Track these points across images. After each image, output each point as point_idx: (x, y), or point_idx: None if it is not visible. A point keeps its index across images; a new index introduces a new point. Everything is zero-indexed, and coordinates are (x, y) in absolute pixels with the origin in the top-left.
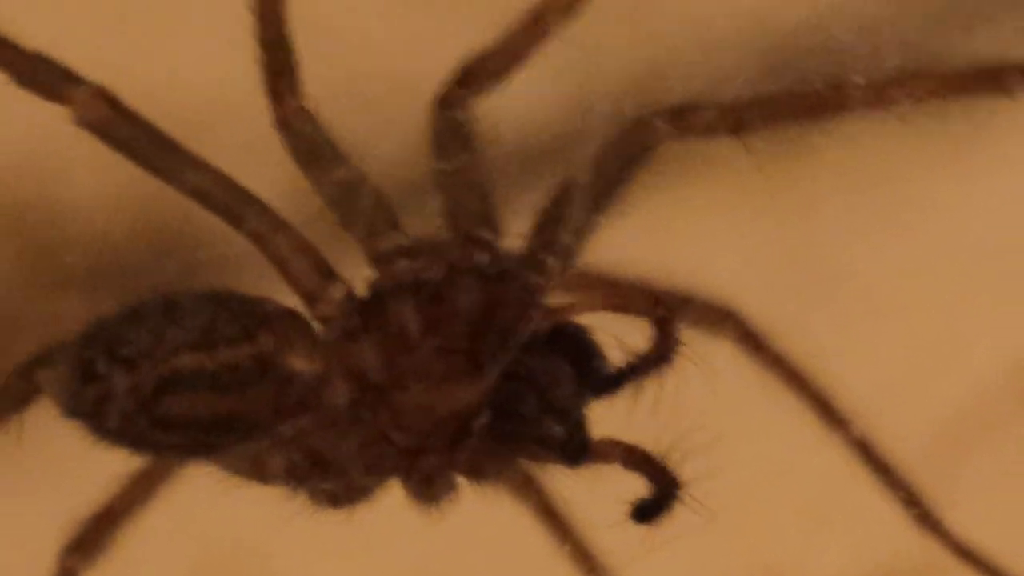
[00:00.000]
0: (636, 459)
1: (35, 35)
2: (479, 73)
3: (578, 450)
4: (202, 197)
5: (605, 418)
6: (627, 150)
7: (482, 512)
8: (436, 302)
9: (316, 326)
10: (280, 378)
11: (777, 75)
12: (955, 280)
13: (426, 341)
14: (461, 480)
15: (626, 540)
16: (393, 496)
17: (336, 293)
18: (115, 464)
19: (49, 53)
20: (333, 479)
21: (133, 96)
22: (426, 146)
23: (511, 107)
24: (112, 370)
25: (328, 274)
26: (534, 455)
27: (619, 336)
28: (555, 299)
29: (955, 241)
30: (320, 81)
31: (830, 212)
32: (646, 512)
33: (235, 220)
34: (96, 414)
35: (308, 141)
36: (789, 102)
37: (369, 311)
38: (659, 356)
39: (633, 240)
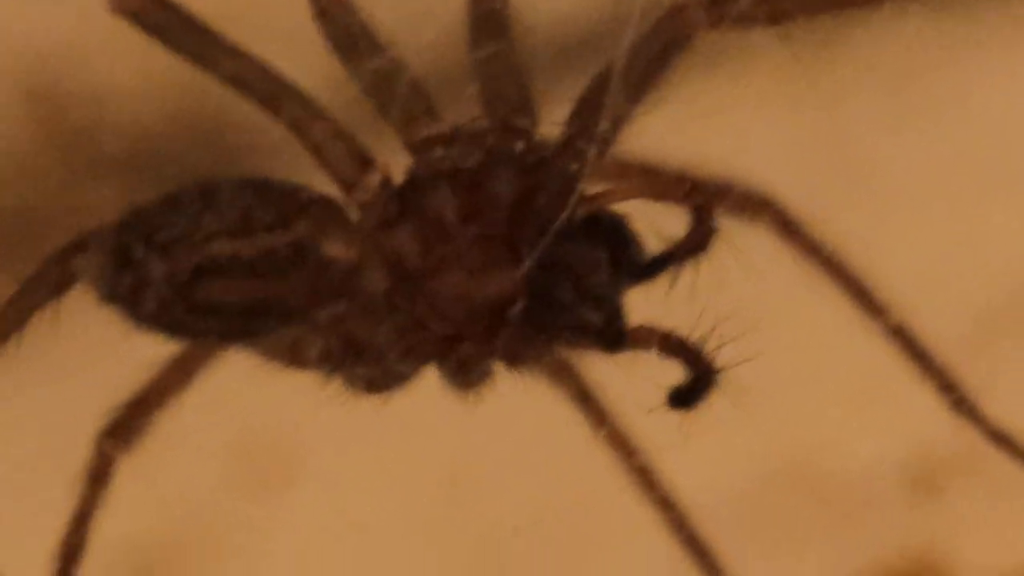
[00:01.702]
0: (672, 345)
1: None
2: None
3: (615, 336)
4: (240, 84)
5: (642, 305)
6: (664, 38)
7: (517, 399)
8: (473, 189)
9: (353, 213)
10: (317, 264)
11: None
12: (991, 170)
13: (463, 228)
14: (497, 366)
15: (663, 426)
16: (428, 384)
17: (373, 180)
18: (152, 349)
19: None
20: (369, 365)
21: None
22: (463, 34)
23: None
24: (148, 256)
25: (365, 162)
26: (571, 342)
27: (656, 223)
28: (592, 187)
29: (992, 131)
30: None
31: (866, 102)
32: (683, 398)
33: (273, 107)
34: (133, 300)
35: (345, 30)
36: None
37: (406, 198)
38: (696, 243)
39: (670, 128)
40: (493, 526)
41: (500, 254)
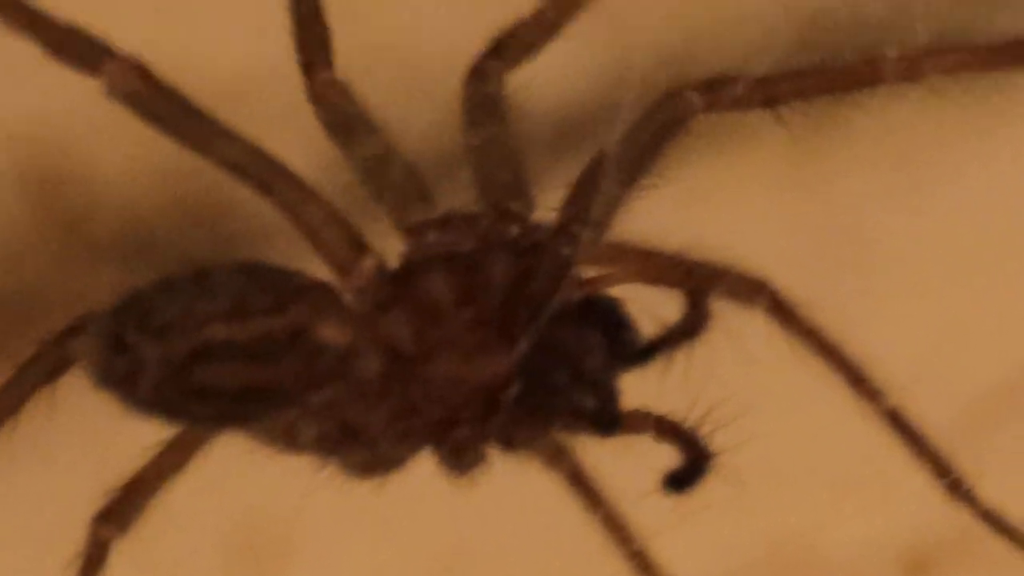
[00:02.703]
0: (667, 429)
1: (67, 7)
2: (512, 45)
3: (609, 420)
4: (234, 168)
5: (636, 389)
6: (659, 122)
7: (512, 483)
8: (467, 274)
9: (347, 298)
10: (311, 349)
11: (809, 49)
12: (987, 252)
13: (457, 313)
14: (492, 450)
15: (657, 510)
16: (423, 468)
17: (367, 265)
18: (147, 434)
19: (82, 25)
20: (364, 449)
21: (165, 68)
22: (459, 118)
23: (544, 80)
24: (143, 340)
25: (359, 246)
26: (565, 425)
27: (651, 307)
28: (587, 271)
29: (987, 214)
30: (353, 53)
31: (862, 184)
32: (677, 482)
33: (267, 191)
34: (128, 384)
35: (341, 114)
36: (821, 75)
37: (400, 283)
38: (690, 327)
39: (665, 212)
40: None
41: (495, 338)
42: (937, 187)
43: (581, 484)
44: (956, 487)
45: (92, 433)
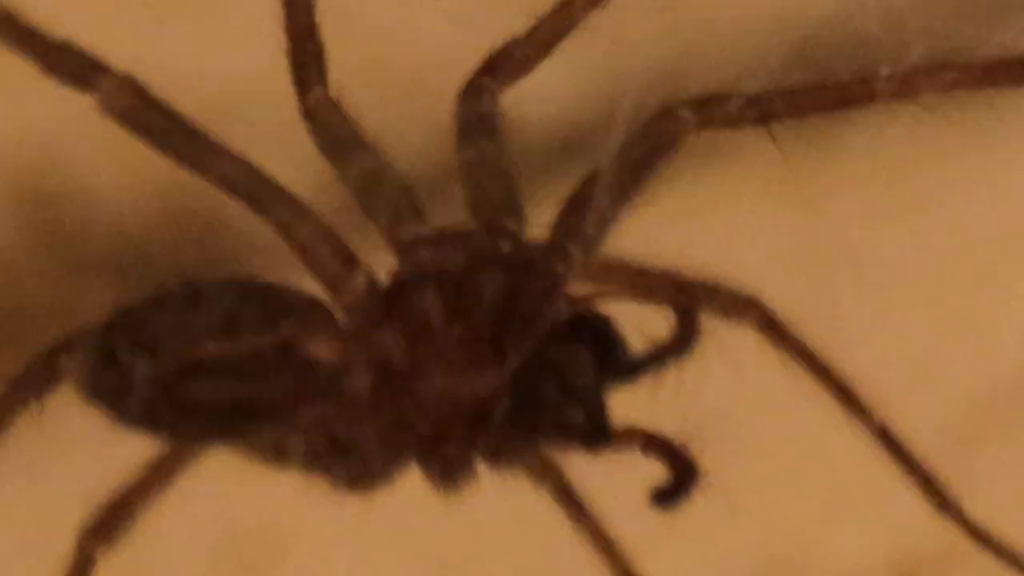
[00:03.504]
0: (656, 445)
1: (62, 24)
2: (505, 62)
3: (598, 436)
4: (227, 185)
5: (626, 405)
6: (652, 140)
7: (501, 497)
8: (459, 291)
9: (339, 314)
10: (302, 365)
11: (802, 67)
12: (978, 270)
13: (448, 330)
14: (481, 465)
15: (646, 526)
16: (412, 481)
17: (359, 282)
18: (135, 449)
19: (76, 42)
20: (353, 463)
21: (158, 85)
22: (451, 135)
23: (537, 97)
24: (134, 356)
25: (351, 263)
26: (555, 441)
27: (641, 324)
28: (578, 287)
29: (979, 231)
30: (346, 70)
31: (855, 202)
32: (666, 498)
33: (259, 208)
34: (117, 399)
35: (333, 130)
36: (815, 93)
37: (391, 299)
38: (680, 344)
39: (656, 229)
40: None
41: (485, 354)
42: (929, 205)
43: (569, 500)
44: (944, 505)
45: (80, 448)
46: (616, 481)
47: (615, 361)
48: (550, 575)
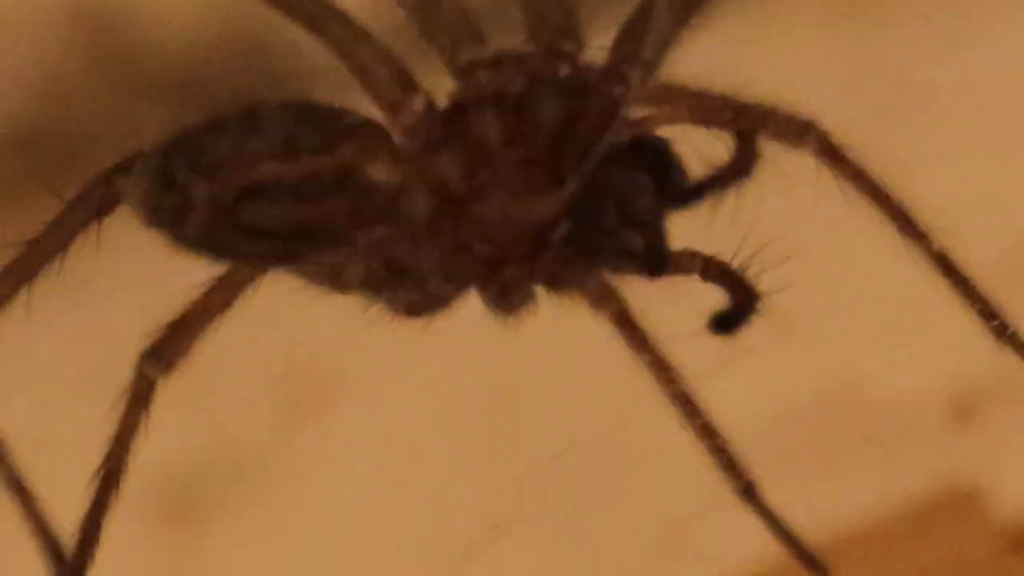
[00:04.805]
0: (715, 270)
1: None
2: None
3: (657, 261)
4: (286, 7)
5: (685, 230)
6: None
7: (558, 324)
8: (517, 113)
9: (397, 137)
10: (360, 188)
11: None
12: None
13: (507, 152)
14: (540, 290)
15: (704, 352)
16: (469, 308)
17: (417, 104)
18: (194, 272)
19: None
20: (411, 288)
21: None
22: None
23: None
24: (192, 178)
25: (410, 85)
26: (613, 266)
27: (700, 148)
28: (636, 111)
29: None
30: None
31: (913, 29)
32: (724, 323)
33: (318, 30)
34: (176, 222)
35: None
36: None
37: (450, 122)
38: (740, 168)
39: (715, 53)
40: (535, 449)
41: (544, 178)
42: (984, 28)
43: (627, 325)
44: (1002, 330)
45: (139, 271)
46: (675, 305)
47: (673, 185)
48: (607, 403)
